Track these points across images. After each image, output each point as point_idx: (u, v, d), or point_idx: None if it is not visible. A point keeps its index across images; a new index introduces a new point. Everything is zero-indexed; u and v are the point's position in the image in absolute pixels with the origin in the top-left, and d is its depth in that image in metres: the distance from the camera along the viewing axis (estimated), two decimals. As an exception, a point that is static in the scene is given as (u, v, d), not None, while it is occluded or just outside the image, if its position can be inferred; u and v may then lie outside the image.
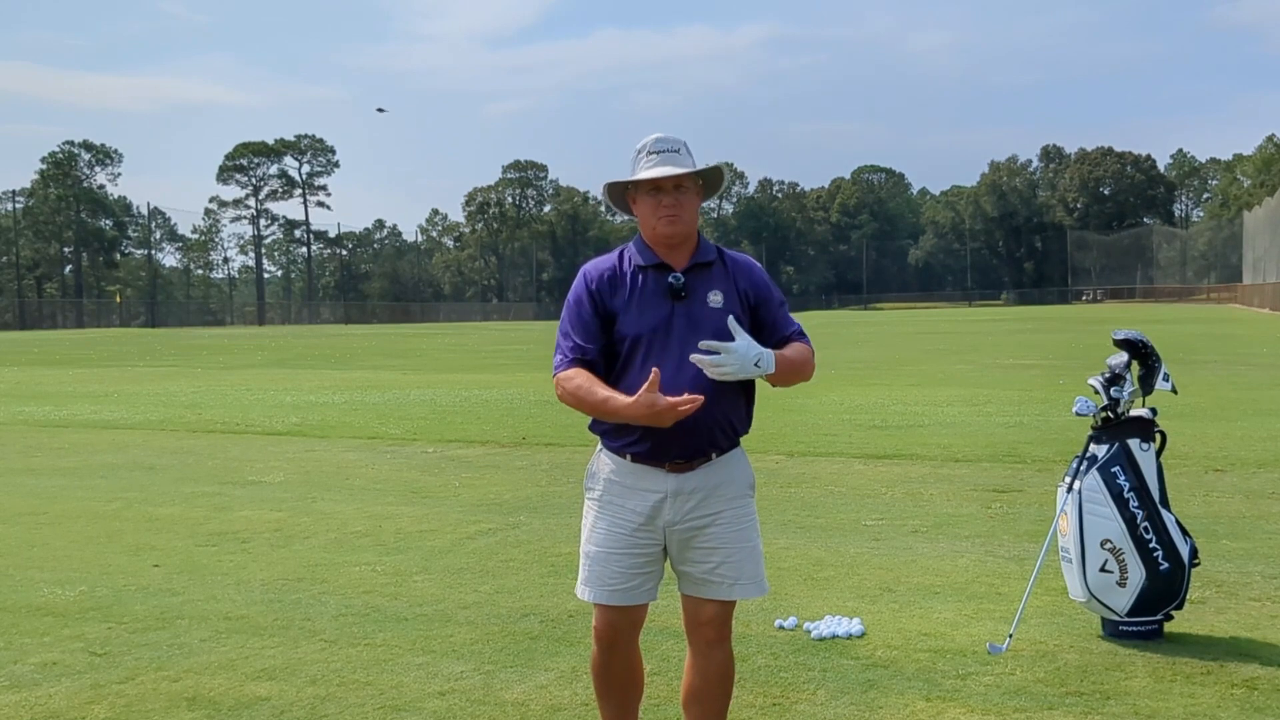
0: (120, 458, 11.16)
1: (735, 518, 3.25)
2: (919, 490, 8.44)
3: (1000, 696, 4.17)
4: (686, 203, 3.19)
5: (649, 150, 3.20)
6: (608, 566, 3.23)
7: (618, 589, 3.23)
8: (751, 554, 3.27)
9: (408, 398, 17.47)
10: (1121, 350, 5.05)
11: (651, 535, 3.23)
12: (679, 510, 3.20)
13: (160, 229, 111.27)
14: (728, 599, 3.24)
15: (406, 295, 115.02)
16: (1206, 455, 9.64)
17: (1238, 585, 5.62)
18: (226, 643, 5.00)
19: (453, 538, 7.10)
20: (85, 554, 6.84)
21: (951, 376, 19.68)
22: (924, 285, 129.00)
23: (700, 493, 3.21)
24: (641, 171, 3.19)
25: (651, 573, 3.26)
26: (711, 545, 3.22)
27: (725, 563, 3.22)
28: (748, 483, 3.33)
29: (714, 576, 3.22)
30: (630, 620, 3.30)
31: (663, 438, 3.11)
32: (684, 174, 3.17)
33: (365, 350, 36.13)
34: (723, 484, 3.24)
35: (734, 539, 3.24)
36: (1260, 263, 66.80)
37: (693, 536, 3.22)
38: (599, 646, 3.33)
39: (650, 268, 3.21)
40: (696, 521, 3.21)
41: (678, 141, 3.23)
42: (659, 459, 3.18)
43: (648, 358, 3.14)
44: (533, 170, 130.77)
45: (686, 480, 3.20)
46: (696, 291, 3.19)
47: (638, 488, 3.21)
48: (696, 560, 3.23)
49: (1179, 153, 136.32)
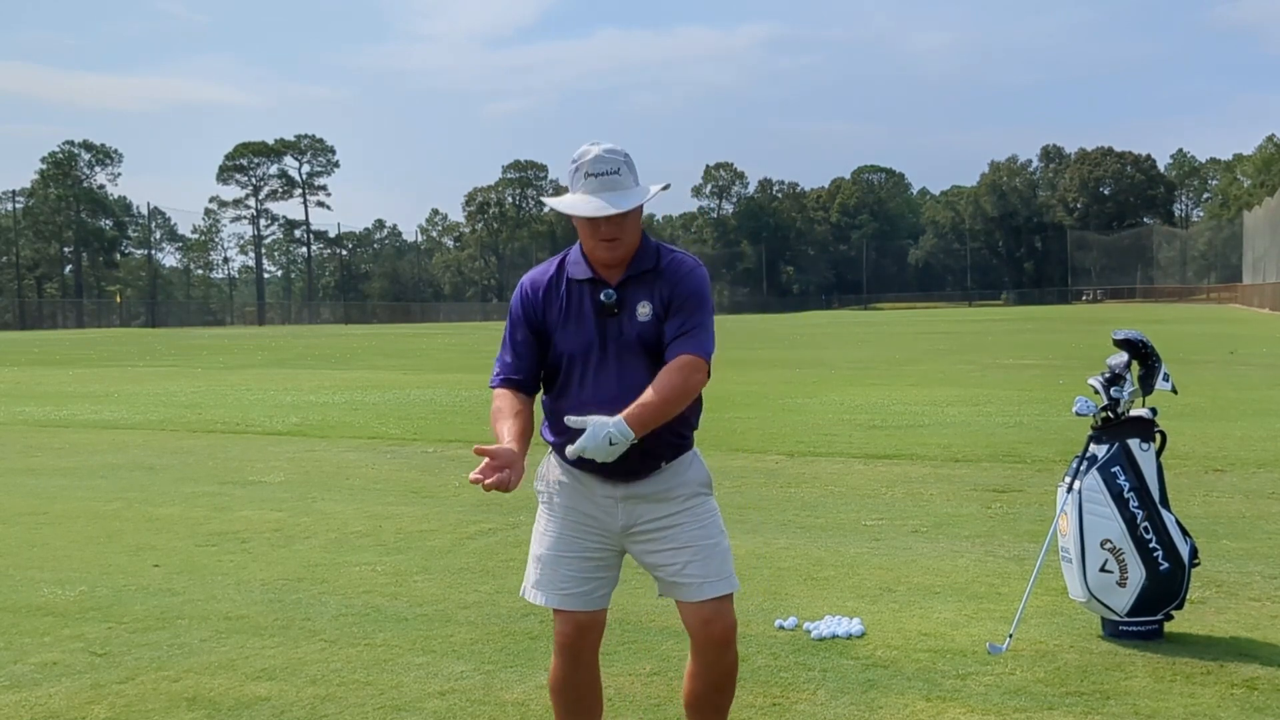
0: (120, 458, 11.15)
1: (695, 516, 3.18)
2: (919, 490, 8.43)
3: (1000, 696, 4.17)
4: (627, 226, 3.05)
5: (587, 172, 3.02)
6: (558, 570, 3.19)
7: (571, 593, 3.18)
8: (715, 550, 3.17)
9: (408, 398, 17.47)
10: (1121, 350, 5.05)
11: (603, 540, 3.19)
12: (631, 515, 3.17)
13: (160, 229, 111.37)
14: (699, 599, 3.15)
15: (406, 295, 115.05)
16: (1206, 455, 9.64)
17: (1238, 585, 5.62)
18: (226, 643, 5.00)
19: (453, 538, 7.10)
20: (85, 554, 6.84)
21: (951, 376, 19.67)
22: (924, 285, 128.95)
23: (652, 498, 3.16)
24: (577, 199, 3.02)
25: (604, 579, 3.22)
26: (676, 545, 3.15)
27: (693, 562, 3.14)
28: (701, 482, 3.24)
29: (682, 578, 3.15)
30: (593, 625, 3.22)
31: (607, 464, 3.00)
32: (616, 214, 2.99)
33: (365, 350, 36.12)
34: (675, 487, 3.18)
35: (698, 537, 3.16)
36: (1260, 263, 66.80)
37: (652, 540, 3.17)
38: (562, 658, 3.23)
39: (585, 282, 3.13)
40: (651, 525, 3.16)
41: (618, 159, 3.04)
42: (604, 475, 3.12)
43: (584, 375, 3.12)
44: (533, 170, 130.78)
45: (636, 487, 3.15)
46: (627, 304, 3.11)
47: (588, 494, 3.17)
48: (663, 563, 3.17)
49: (1179, 153, 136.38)
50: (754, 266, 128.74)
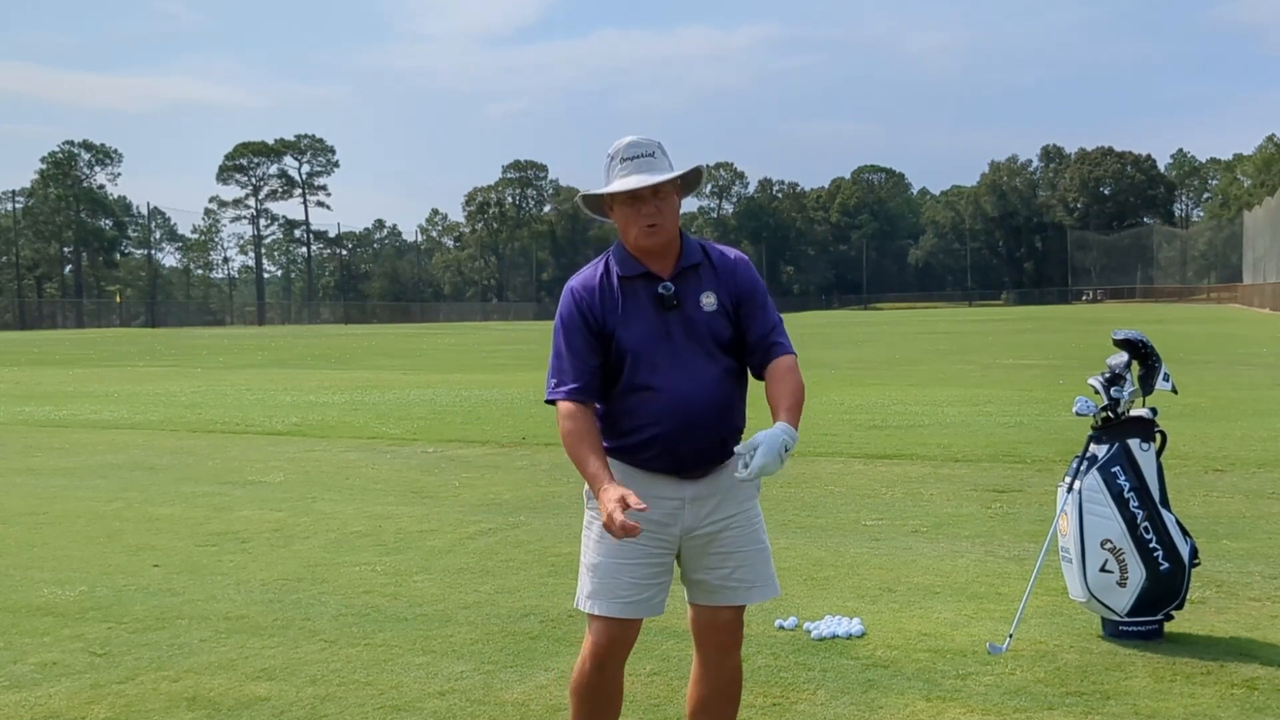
0: (120, 458, 11.15)
1: (747, 520, 3.17)
2: (919, 490, 8.43)
3: (1000, 696, 4.17)
4: (667, 209, 3.05)
5: (622, 157, 3.04)
6: (619, 578, 3.09)
7: (631, 601, 3.11)
8: (763, 555, 3.19)
9: (408, 398, 17.47)
10: (1121, 350, 5.05)
11: (665, 544, 3.12)
12: (697, 515, 3.12)
13: (160, 229, 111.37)
14: (744, 603, 3.16)
15: (406, 295, 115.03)
16: (1206, 455, 9.64)
17: (1238, 585, 5.62)
18: (226, 643, 5.00)
19: (453, 538, 7.10)
20: (85, 554, 6.84)
21: (951, 376, 19.67)
22: (924, 285, 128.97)
23: (717, 496, 3.13)
24: (616, 182, 3.04)
25: (662, 584, 3.16)
26: (726, 550, 3.13)
27: (741, 567, 3.14)
28: (755, 483, 3.17)
29: (730, 582, 3.13)
30: (631, 636, 3.18)
31: (678, 453, 3.05)
32: (662, 180, 3.01)
33: (365, 350, 36.13)
34: (735, 485, 3.12)
35: (747, 541, 3.16)
36: (1260, 263, 66.79)
37: (708, 542, 3.13)
38: (592, 664, 3.17)
39: (637, 278, 3.10)
40: (713, 526, 3.13)
41: (652, 144, 3.07)
42: (676, 468, 3.10)
43: (653, 370, 3.06)
44: (533, 170, 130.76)
45: (703, 485, 3.11)
46: (688, 297, 3.09)
47: (651, 495, 3.04)
48: (711, 567, 3.14)
49: (1179, 153, 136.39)
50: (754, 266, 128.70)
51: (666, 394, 3.04)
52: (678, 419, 3.04)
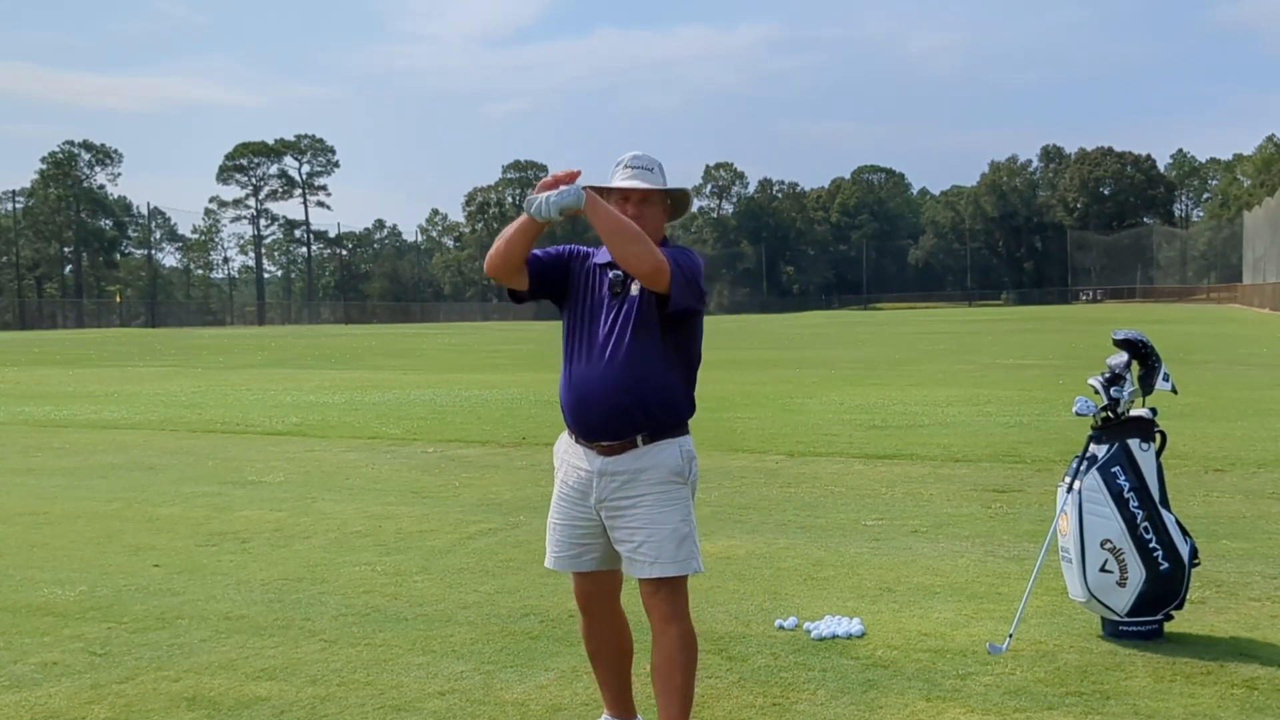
0: (120, 458, 11.16)
1: (657, 501, 3.47)
2: (919, 490, 8.43)
3: (1000, 696, 4.17)
4: (648, 215, 3.49)
5: (625, 164, 3.53)
6: (554, 535, 3.62)
7: (562, 556, 3.61)
8: (672, 535, 3.46)
9: (408, 398, 17.47)
10: (1121, 350, 5.05)
11: (585, 510, 3.55)
12: (604, 489, 3.49)
13: (160, 229, 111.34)
14: (647, 577, 3.47)
15: (406, 295, 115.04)
16: (1206, 455, 9.64)
17: (1238, 585, 5.62)
18: (226, 643, 5.00)
19: (453, 538, 7.10)
20: (85, 554, 6.84)
21: (951, 376, 19.68)
22: (924, 285, 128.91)
23: (624, 475, 3.47)
24: (615, 181, 3.51)
25: (590, 544, 3.57)
26: (634, 525, 3.47)
27: (647, 542, 3.45)
28: (672, 469, 3.50)
29: (637, 555, 3.47)
30: (597, 586, 3.62)
31: (585, 415, 3.48)
32: (649, 189, 3.49)
33: (365, 350, 36.13)
34: (648, 469, 3.47)
35: (655, 520, 3.45)
36: (1260, 263, 66.80)
37: (618, 516, 3.49)
38: (579, 610, 3.70)
39: (604, 266, 3.57)
40: (621, 502, 3.48)
41: (653, 161, 3.56)
42: (587, 438, 3.50)
43: (590, 348, 3.50)
44: (533, 170, 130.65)
45: (611, 463, 3.48)
46: (630, 286, 3.51)
47: (574, 464, 3.56)
48: (621, 539, 3.50)
49: (1179, 153, 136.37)
50: (754, 266, 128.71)
51: (576, 370, 3.51)
52: (581, 391, 3.48)
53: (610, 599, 3.66)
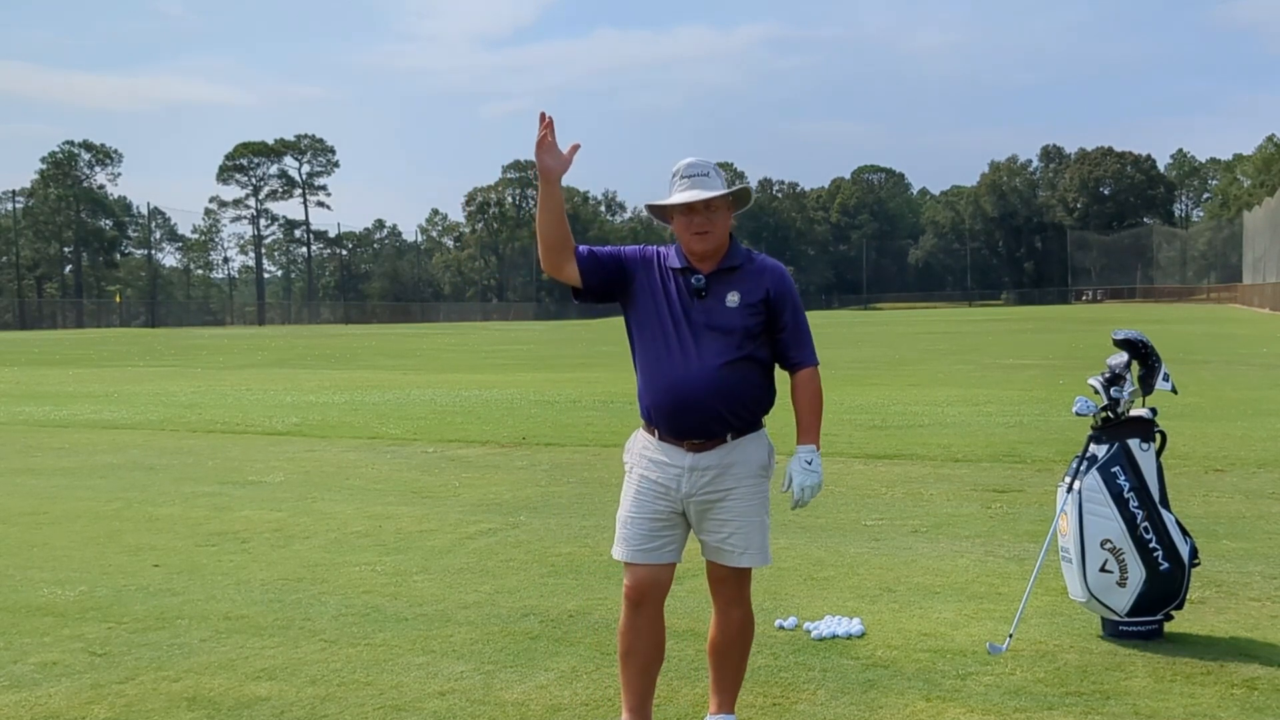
0: (120, 458, 11.15)
1: (746, 494, 3.65)
2: (919, 490, 8.43)
3: (1000, 696, 4.17)
4: (717, 220, 3.61)
5: (682, 175, 3.62)
6: (633, 529, 3.67)
7: (640, 548, 3.66)
8: (759, 528, 3.68)
9: (408, 398, 17.47)
10: (1121, 350, 5.05)
11: (670, 504, 3.64)
12: (694, 484, 3.62)
13: (160, 229, 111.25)
14: (736, 565, 3.67)
15: (406, 295, 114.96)
16: (1206, 455, 9.64)
17: (1238, 585, 5.62)
18: (226, 643, 5.00)
19: (453, 538, 7.10)
20: (85, 554, 6.84)
21: (951, 376, 19.68)
22: (924, 285, 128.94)
23: (714, 470, 3.62)
24: (675, 195, 3.61)
25: (670, 537, 3.67)
26: (724, 518, 3.63)
27: (735, 534, 3.64)
28: (760, 464, 3.71)
29: (726, 545, 3.65)
30: (654, 581, 3.67)
31: (682, 418, 3.59)
32: (711, 196, 3.57)
33: (365, 350, 36.13)
34: (737, 464, 3.64)
35: (744, 513, 3.64)
36: (1260, 263, 66.80)
37: (708, 509, 3.64)
38: (627, 605, 3.70)
39: (680, 271, 3.66)
40: (710, 496, 3.62)
41: (707, 165, 3.64)
42: (678, 437, 3.62)
43: (668, 351, 3.61)
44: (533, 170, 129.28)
45: (702, 458, 3.62)
46: (716, 292, 3.62)
47: (661, 461, 3.65)
48: (711, 530, 3.65)
49: (1179, 153, 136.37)
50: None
51: (667, 373, 3.60)
52: (675, 394, 3.58)
53: (664, 593, 3.73)
